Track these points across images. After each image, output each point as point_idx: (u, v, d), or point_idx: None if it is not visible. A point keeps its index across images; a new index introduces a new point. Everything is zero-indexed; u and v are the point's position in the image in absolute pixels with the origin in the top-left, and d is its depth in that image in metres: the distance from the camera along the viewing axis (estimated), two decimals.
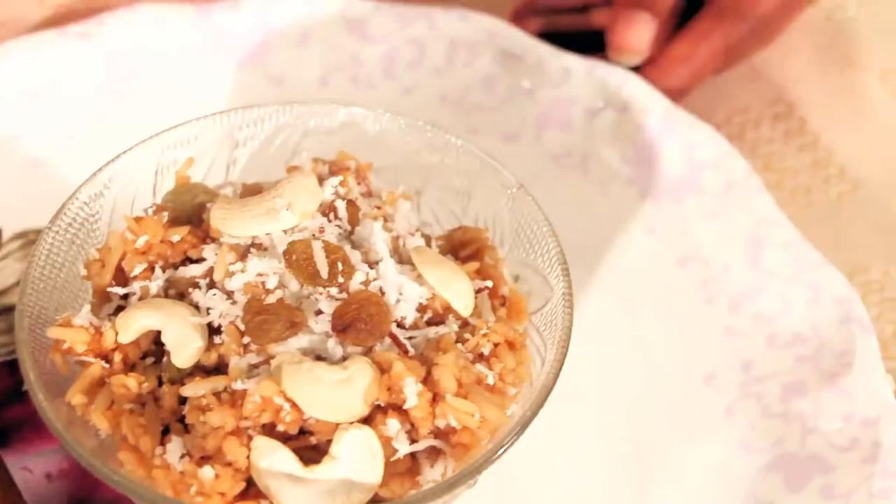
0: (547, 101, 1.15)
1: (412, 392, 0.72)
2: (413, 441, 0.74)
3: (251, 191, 0.87)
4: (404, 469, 0.74)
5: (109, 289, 0.81)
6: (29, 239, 1.04)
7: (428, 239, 0.86)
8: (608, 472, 0.93)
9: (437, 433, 0.74)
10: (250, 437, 0.71)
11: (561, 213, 0.89)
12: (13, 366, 0.96)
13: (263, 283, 0.77)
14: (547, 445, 0.91)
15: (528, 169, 0.93)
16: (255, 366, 0.75)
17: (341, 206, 0.83)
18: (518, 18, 1.24)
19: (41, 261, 0.81)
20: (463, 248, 0.87)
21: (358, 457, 0.71)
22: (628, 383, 0.98)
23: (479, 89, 1.17)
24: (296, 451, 0.71)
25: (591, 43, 1.21)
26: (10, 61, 1.12)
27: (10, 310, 1.00)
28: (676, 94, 1.15)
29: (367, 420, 0.73)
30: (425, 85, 1.18)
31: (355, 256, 0.78)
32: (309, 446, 0.73)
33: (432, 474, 0.74)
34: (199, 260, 0.80)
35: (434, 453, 0.75)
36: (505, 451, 0.73)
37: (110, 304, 0.82)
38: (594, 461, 0.94)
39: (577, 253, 0.87)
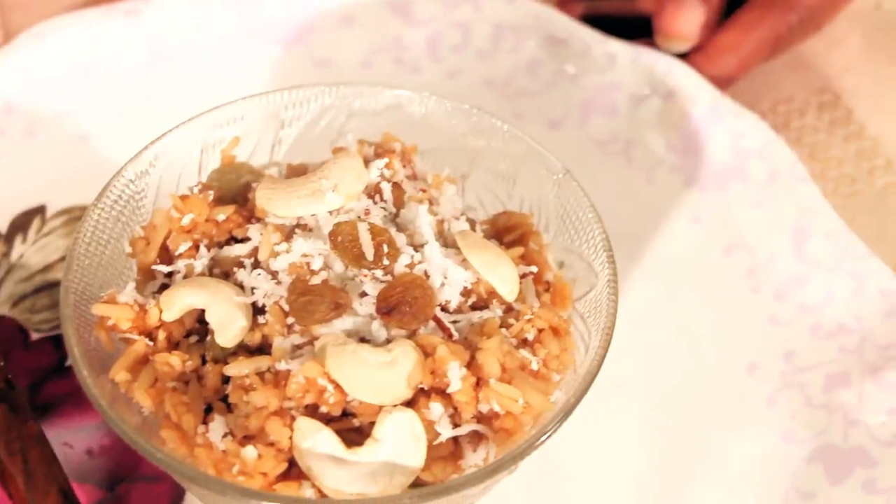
0: (592, 87, 1.14)
1: (456, 376, 0.72)
2: (456, 425, 0.73)
3: (296, 171, 0.87)
4: (447, 453, 0.74)
5: (154, 266, 0.81)
6: (73, 215, 1.05)
7: (472, 223, 0.86)
8: (649, 460, 0.93)
9: (480, 418, 0.74)
10: (293, 418, 0.71)
11: (604, 199, 0.89)
12: (56, 341, 0.96)
13: (308, 263, 0.77)
14: (587, 432, 0.91)
15: (571, 155, 0.92)
16: (299, 346, 0.75)
17: (387, 188, 0.82)
18: (563, 3, 1.24)
19: (87, 237, 0.81)
20: (507, 232, 0.87)
21: (401, 440, 0.71)
22: (671, 371, 0.98)
23: (524, 74, 1.17)
24: (338, 432, 0.71)
25: (636, 28, 1.20)
26: (56, 37, 1.12)
27: (53, 285, 1.00)
28: (723, 83, 1.15)
29: (409, 403, 0.73)
30: (469, 69, 1.18)
31: (400, 239, 0.78)
32: (351, 428, 0.73)
33: (474, 459, 0.74)
34: (244, 239, 0.80)
35: (476, 438, 0.75)
36: (548, 437, 0.73)
37: (155, 282, 0.82)
38: (635, 448, 0.93)
39: (621, 240, 0.86)
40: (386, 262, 0.76)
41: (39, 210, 1.05)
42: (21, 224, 1.04)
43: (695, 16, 1.14)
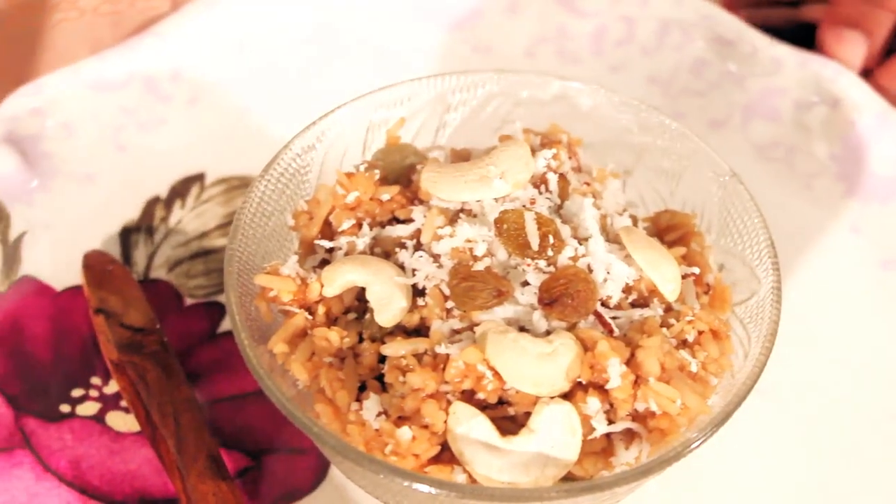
0: (757, 91, 1.13)
1: (616, 372, 0.71)
2: (610, 421, 0.73)
3: (460, 156, 0.87)
4: (599, 449, 0.74)
5: (316, 241, 0.82)
6: (231, 184, 1.06)
7: (634, 219, 0.85)
8: (793, 473, 0.90)
9: (635, 416, 0.73)
10: (449, 402, 0.71)
11: (762, 203, 0.87)
12: (209, 308, 0.98)
13: (471, 249, 0.76)
14: (733, 438, 0.89)
15: (730, 157, 0.91)
16: (457, 331, 0.75)
17: (553, 179, 0.82)
18: (731, 7, 1.22)
19: (252, 207, 0.82)
20: (669, 231, 0.86)
21: (556, 432, 0.70)
22: (822, 383, 0.96)
23: (688, 73, 1.16)
24: (493, 420, 0.71)
25: (800, 36, 1.18)
26: (221, 8, 1.14)
27: (209, 252, 1.01)
28: None
29: (566, 396, 0.72)
30: (632, 64, 1.17)
31: (565, 231, 0.78)
32: (506, 416, 0.73)
33: (626, 457, 0.74)
34: (407, 220, 0.81)
35: (629, 436, 0.74)
36: (704, 441, 0.71)
37: (315, 257, 0.83)
38: (780, 460, 0.91)
39: (777, 245, 0.84)
40: (550, 253, 0.75)
41: (199, 177, 1.06)
42: (180, 190, 1.05)
43: (855, 50, 1.12)
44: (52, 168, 1.05)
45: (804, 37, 1.18)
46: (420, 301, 0.76)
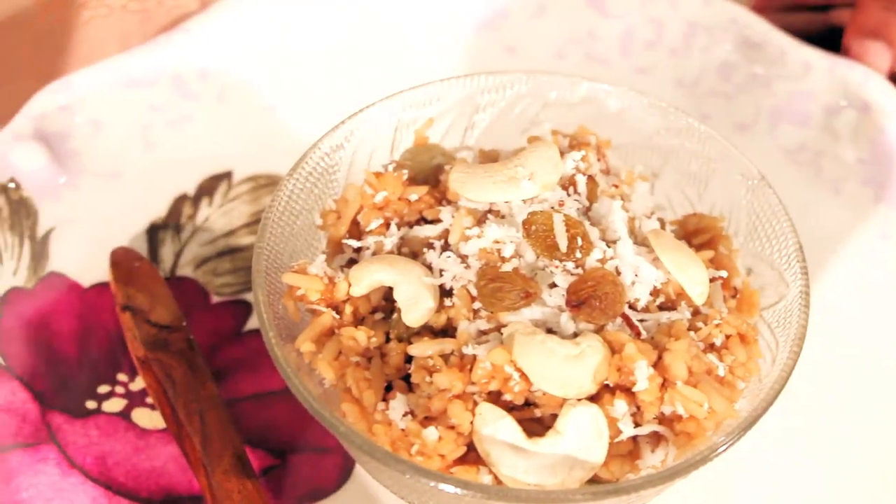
0: (784, 94, 1.12)
1: (643, 375, 0.71)
2: (637, 424, 0.73)
3: (489, 157, 0.86)
4: (625, 451, 0.74)
5: (344, 241, 0.82)
6: (259, 183, 1.06)
7: (662, 222, 0.85)
8: (821, 478, 0.90)
9: (662, 419, 0.73)
10: (476, 403, 0.71)
11: (789, 207, 0.86)
12: (235, 306, 0.98)
13: (499, 250, 0.76)
14: (761, 444, 0.88)
15: (757, 160, 0.90)
16: (484, 332, 0.75)
17: (581, 180, 0.82)
18: (760, 10, 1.21)
19: (281, 206, 0.82)
20: (697, 235, 0.86)
21: (583, 434, 0.70)
22: (853, 389, 0.95)
23: (715, 75, 1.15)
24: (519, 421, 0.71)
25: (830, 40, 1.17)
26: (249, 6, 1.14)
27: (236, 250, 1.02)
28: None
29: (593, 398, 0.72)
30: (660, 66, 1.17)
31: (593, 233, 0.77)
32: (532, 418, 0.73)
33: (652, 460, 0.74)
34: (435, 221, 0.81)
35: (656, 439, 0.74)
36: (731, 445, 0.71)
37: (343, 256, 0.83)
38: (809, 465, 0.91)
39: (805, 250, 0.84)
40: (578, 255, 0.75)
41: (226, 175, 1.06)
42: (208, 188, 1.05)
43: (879, 60, 1.11)
44: (80, 165, 1.05)
45: (833, 41, 1.17)
46: (447, 301, 0.76)
